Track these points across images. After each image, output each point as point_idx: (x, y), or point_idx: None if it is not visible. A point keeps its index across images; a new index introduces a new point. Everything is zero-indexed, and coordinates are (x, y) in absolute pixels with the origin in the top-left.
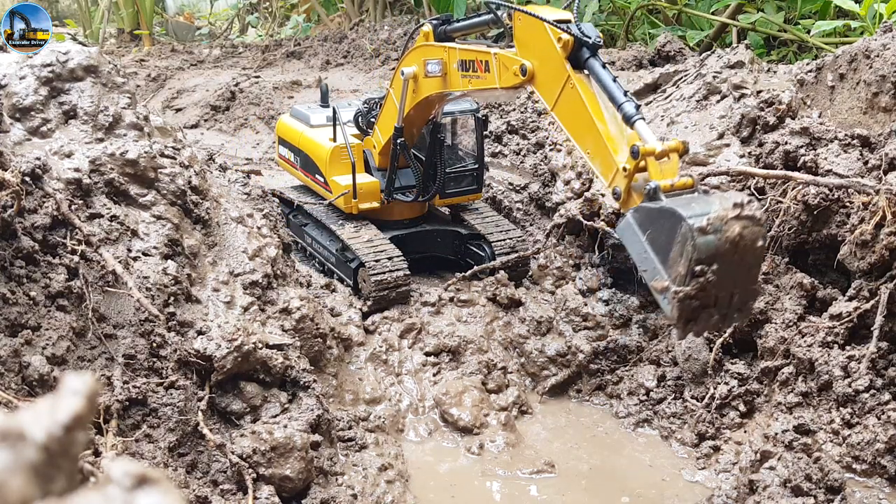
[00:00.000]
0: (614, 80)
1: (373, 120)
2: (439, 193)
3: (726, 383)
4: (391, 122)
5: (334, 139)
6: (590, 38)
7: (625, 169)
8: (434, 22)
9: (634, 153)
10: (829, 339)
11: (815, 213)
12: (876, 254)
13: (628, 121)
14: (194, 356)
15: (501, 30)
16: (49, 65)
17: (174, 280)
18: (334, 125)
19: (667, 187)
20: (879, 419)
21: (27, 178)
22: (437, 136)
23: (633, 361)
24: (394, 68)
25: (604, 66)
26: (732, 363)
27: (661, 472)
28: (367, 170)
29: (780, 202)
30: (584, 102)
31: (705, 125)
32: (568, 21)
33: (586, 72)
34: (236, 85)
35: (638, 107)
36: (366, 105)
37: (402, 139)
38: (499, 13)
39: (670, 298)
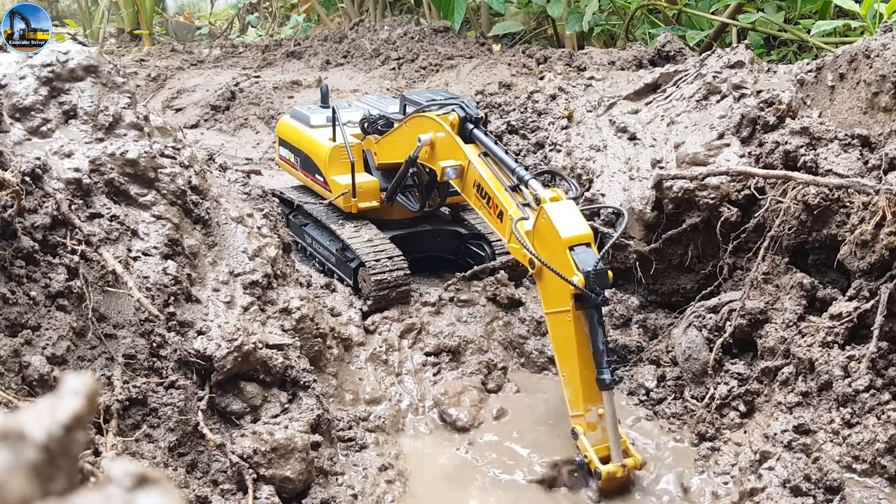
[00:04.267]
0: (605, 343)
1: (380, 129)
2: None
3: (726, 383)
4: (397, 152)
5: (333, 139)
6: (592, 292)
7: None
8: (462, 114)
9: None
10: (829, 339)
11: (815, 213)
12: (876, 254)
13: (601, 387)
14: (194, 356)
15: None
16: (49, 65)
17: (174, 280)
18: (333, 125)
19: None
20: (879, 419)
21: (27, 178)
22: None
23: (633, 361)
24: (394, 68)
25: (601, 323)
26: (732, 363)
27: None
28: (367, 169)
29: (780, 202)
30: (574, 340)
31: (705, 125)
32: (588, 243)
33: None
34: (236, 85)
35: (615, 377)
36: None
37: (415, 169)
38: (529, 181)
39: None
